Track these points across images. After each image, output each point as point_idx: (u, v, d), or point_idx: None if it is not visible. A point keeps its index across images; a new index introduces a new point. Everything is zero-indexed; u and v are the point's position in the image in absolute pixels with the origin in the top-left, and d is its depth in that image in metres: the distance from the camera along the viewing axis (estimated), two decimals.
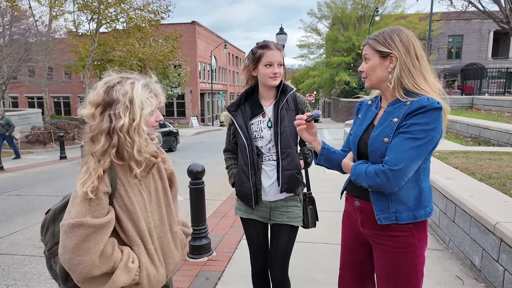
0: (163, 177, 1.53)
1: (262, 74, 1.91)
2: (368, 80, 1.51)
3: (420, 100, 1.37)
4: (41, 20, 22.93)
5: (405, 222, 1.44)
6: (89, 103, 1.30)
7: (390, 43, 1.43)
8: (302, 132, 1.59)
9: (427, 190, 1.50)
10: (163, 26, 24.83)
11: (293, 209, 2.00)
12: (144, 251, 1.36)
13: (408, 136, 1.35)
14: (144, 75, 1.43)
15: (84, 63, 23.03)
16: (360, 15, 29.89)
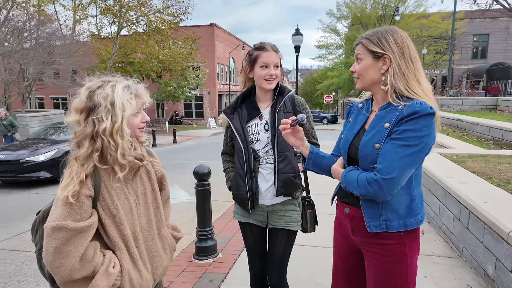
0: (152, 180, 1.52)
1: (258, 75, 1.89)
2: (360, 81, 1.46)
3: (413, 105, 1.31)
4: (66, 24, 23.74)
5: (395, 230, 1.39)
6: (74, 110, 1.31)
7: (384, 44, 1.38)
8: (288, 137, 1.56)
9: (419, 197, 1.44)
10: (182, 28, 25.18)
11: (290, 213, 1.96)
12: (127, 256, 1.36)
13: (401, 143, 1.29)
14: (126, 77, 1.43)
15: (105, 65, 23.66)
16: (380, 14, 29.33)
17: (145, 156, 1.45)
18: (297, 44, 12.80)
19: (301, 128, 1.54)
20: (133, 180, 1.44)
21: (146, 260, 1.44)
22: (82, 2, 23.62)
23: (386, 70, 1.39)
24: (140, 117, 1.41)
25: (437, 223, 4.17)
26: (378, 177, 1.29)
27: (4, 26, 17.31)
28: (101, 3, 22.86)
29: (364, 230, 1.44)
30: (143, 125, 1.44)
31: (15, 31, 17.10)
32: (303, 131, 2.00)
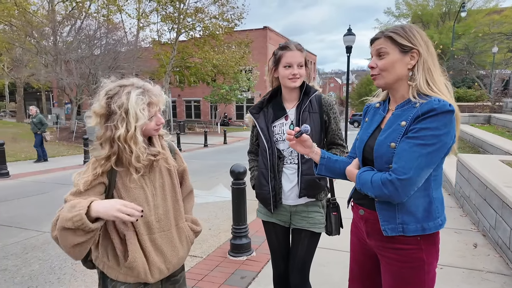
0: (172, 173, 1.61)
1: (281, 75, 1.89)
2: (383, 77, 1.38)
3: (430, 102, 1.24)
4: (130, 31, 25.65)
5: (412, 234, 1.32)
6: (94, 114, 1.43)
7: (412, 37, 1.32)
8: (295, 146, 1.55)
9: (438, 201, 1.35)
10: (236, 32, 25.82)
11: (314, 214, 1.93)
12: (135, 240, 1.45)
13: (417, 142, 1.23)
14: (144, 79, 1.52)
15: (165, 69, 25.12)
16: (444, 11, 27.40)
17: (160, 152, 1.54)
18: (349, 44, 12.44)
19: (307, 137, 1.51)
20: (151, 172, 1.53)
21: (160, 248, 1.52)
22: (145, 10, 25.41)
23: (413, 65, 1.33)
24: (155, 120, 1.49)
25: (492, 236, 3.79)
26: (393, 178, 1.24)
27: (78, 35, 19.21)
28: (161, 10, 24.35)
29: (380, 233, 1.38)
30: (158, 127, 1.52)
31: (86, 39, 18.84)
32: (330, 132, 1.97)
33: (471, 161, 4.99)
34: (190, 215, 1.75)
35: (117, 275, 1.46)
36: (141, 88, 1.46)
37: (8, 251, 3.81)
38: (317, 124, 1.90)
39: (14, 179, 8.17)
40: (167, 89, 25.28)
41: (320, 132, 1.93)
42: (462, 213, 4.90)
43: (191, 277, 3.10)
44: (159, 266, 1.51)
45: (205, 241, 4.12)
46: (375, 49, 1.39)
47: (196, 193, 6.83)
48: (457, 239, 3.92)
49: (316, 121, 1.90)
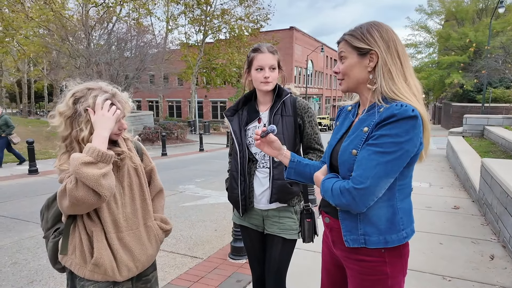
0: (139, 173, 1.62)
1: (254, 78, 1.86)
2: (345, 82, 1.32)
3: (391, 107, 1.15)
4: (159, 33, 26.38)
5: (374, 247, 1.23)
6: (59, 113, 1.46)
7: (369, 39, 1.24)
8: (262, 147, 1.50)
9: (404, 211, 1.25)
10: (262, 34, 25.89)
11: (285, 220, 1.87)
12: (103, 237, 1.46)
13: (376, 150, 1.15)
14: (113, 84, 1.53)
15: (192, 71, 25.62)
16: (480, 8, 26.00)
17: (125, 151, 1.55)
18: None
19: (275, 138, 1.46)
20: (119, 172, 1.54)
21: (129, 246, 1.53)
22: (174, 13, 26.06)
23: (373, 68, 1.25)
24: (117, 125, 1.50)
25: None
26: (350, 186, 1.17)
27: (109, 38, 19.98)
28: (189, 13, 24.86)
29: (344, 243, 1.31)
30: (120, 132, 1.54)
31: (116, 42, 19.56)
32: (305, 136, 1.91)
33: (494, 166, 4.67)
34: (161, 214, 1.76)
35: (84, 272, 1.47)
36: (108, 93, 1.48)
37: (22, 245, 3.99)
38: (290, 128, 1.84)
39: (42, 176, 8.59)
40: (193, 90, 25.78)
41: (294, 136, 1.87)
42: (484, 222, 4.60)
43: (187, 279, 3.10)
44: (127, 264, 1.52)
45: (209, 242, 4.12)
46: (337, 53, 1.35)
47: (209, 193, 6.91)
48: (473, 249, 3.68)
49: (289, 124, 1.84)
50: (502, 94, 16.91)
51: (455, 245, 3.80)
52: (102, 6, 21.01)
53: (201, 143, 15.37)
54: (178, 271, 3.32)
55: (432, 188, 6.60)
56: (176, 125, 20.74)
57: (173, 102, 39.85)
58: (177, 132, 19.72)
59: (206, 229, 4.60)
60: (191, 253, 3.77)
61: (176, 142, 18.74)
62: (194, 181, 7.96)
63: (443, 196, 5.95)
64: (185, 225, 4.79)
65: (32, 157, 8.79)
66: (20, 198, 6.25)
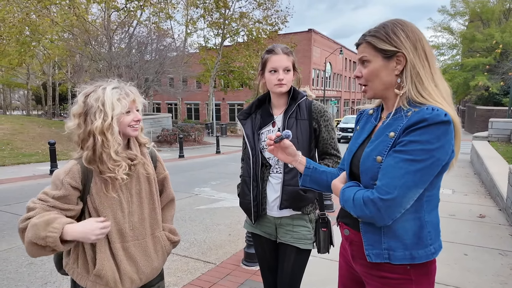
0: (150, 180, 1.55)
1: (268, 80, 1.78)
2: (370, 88, 1.22)
3: (422, 111, 1.05)
4: (179, 37, 26.73)
5: (399, 262, 1.13)
6: (73, 116, 1.42)
7: (395, 39, 1.14)
8: (275, 153, 1.40)
9: (432, 225, 1.15)
10: (280, 36, 25.83)
11: (299, 229, 1.77)
12: (107, 248, 1.41)
13: (404, 157, 1.05)
14: (120, 80, 1.49)
15: (210, 74, 25.81)
16: (507, 8, 25.06)
17: (138, 156, 1.49)
18: None
19: (289, 143, 1.37)
20: (129, 178, 1.48)
21: (134, 257, 1.47)
22: (193, 17, 26.35)
23: (401, 71, 1.15)
24: (132, 116, 1.46)
25: None
26: (375, 197, 1.07)
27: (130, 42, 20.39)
28: (208, 17, 25.07)
29: (365, 258, 1.21)
30: (135, 124, 1.48)
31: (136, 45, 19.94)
32: (321, 141, 1.81)
33: None
34: (170, 224, 1.69)
35: (86, 282, 1.43)
36: (117, 84, 1.46)
37: None
38: (305, 132, 1.75)
39: None
40: (211, 93, 25.94)
41: (309, 141, 1.78)
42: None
43: (199, 284, 3.04)
44: (131, 276, 1.46)
45: (222, 247, 4.06)
46: (358, 58, 1.24)
47: (225, 196, 6.87)
48: (500, 262, 3.46)
49: (304, 128, 1.75)
50: None
51: (481, 256, 3.59)
52: (123, 10, 21.48)
53: (217, 145, 15.40)
54: (191, 276, 3.26)
55: (455, 194, 6.33)
56: (193, 127, 20.90)
57: (191, 105, 40.24)
58: (194, 134, 19.87)
59: (220, 233, 4.54)
60: (204, 258, 3.71)
61: (193, 144, 18.87)
62: (209, 184, 7.94)
63: (467, 204, 5.69)
64: (199, 228, 4.75)
65: (54, 157, 9.00)
66: None
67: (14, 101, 52.25)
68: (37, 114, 42.16)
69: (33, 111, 45.28)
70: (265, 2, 24.37)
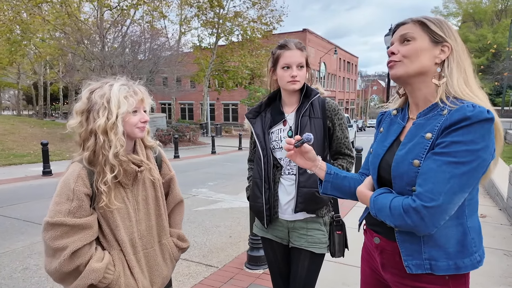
0: (156, 185, 1.47)
1: (280, 77, 1.70)
2: (404, 65, 1.10)
3: (462, 108, 0.97)
4: (173, 37, 26.51)
5: (444, 273, 1.05)
6: (75, 113, 1.33)
7: (445, 28, 1.09)
8: (294, 158, 1.30)
9: (474, 231, 1.08)
10: (275, 36, 25.74)
11: (314, 232, 1.70)
12: (123, 259, 1.33)
13: (448, 160, 0.97)
14: (128, 78, 1.40)
15: (204, 73, 25.65)
16: (500, 9, 25.33)
17: (144, 162, 1.40)
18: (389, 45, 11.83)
19: (310, 147, 1.27)
20: (134, 185, 1.40)
21: (144, 269, 1.38)
22: (187, 16, 26.16)
23: (442, 61, 1.08)
24: (139, 116, 1.37)
25: None
26: (418, 205, 0.98)
27: (123, 41, 20.15)
28: (202, 16, 24.90)
29: (398, 267, 1.13)
30: (142, 125, 1.38)
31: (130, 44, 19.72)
32: (335, 140, 1.73)
33: None
34: (178, 229, 1.59)
35: None
36: (125, 81, 1.37)
37: (34, 249, 3.90)
38: (320, 131, 1.68)
39: (56, 178, 8.57)
40: (206, 92, 25.78)
41: (323, 140, 1.70)
42: None
43: None
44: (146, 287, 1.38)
45: (224, 250, 3.96)
46: (399, 35, 1.14)
47: (223, 197, 6.75)
48: (507, 263, 3.42)
49: (318, 127, 1.67)
50: None
51: (487, 257, 3.52)
52: (116, 9, 21.22)
53: (213, 145, 15.27)
54: (193, 280, 3.17)
55: None
56: (188, 127, 20.74)
57: (185, 105, 40.02)
58: (189, 135, 19.71)
59: (220, 236, 4.45)
60: (205, 261, 3.61)
61: (188, 144, 18.70)
62: (207, 185, 7.84)
63: None
64: (199, 230, 4.65)
65: (46, 158, 8.81)
66: (33, 200, 6.21)
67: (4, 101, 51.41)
68: (28, 114, 41.56)
69: (24, 111, 44.64)
70: (259, 2, 24.28)
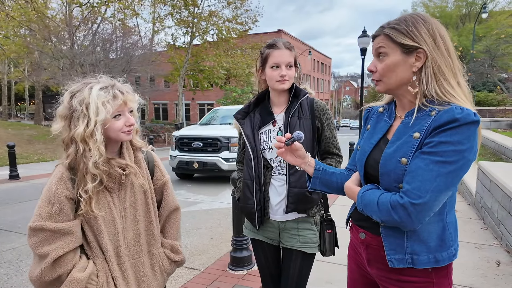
0: (146, 190, 1.40)
1: (269, 77, 1.70)
2: (384, 83, 1.16)
3: (451, 110, 1.01)
4: (145, 35, 25.94)
5: (424, 267, 1.10)
6: (58, 117, 1.27)
7: (416, 34, 1.08)
8: (284, 156, 1.32)
9: (452, 225, 1.14)
10: (250, 36, 25.77)
11: (305, 232, 1.71)
12: (106, 268, 1.27)
13: (435, 159, 1.00)
14: (112, 77, 1.34)
15: (179, 73, 25.28)
16: (464, 13, 26.63)
17: (129, 165, 1.33)
18: (364, 46, 12.13)
19: (300, 145, 1.29)
20: (121, 190, 1.33)
21: (130, 280, 1.32)
22: (160, 15, 25.67)
23: (419, 67, 1.10)
24: (123, 119, 1.30)
25: None
26: (406, 201, 1.02)
27: (94, 39, 19.51)
28: (176, 15, 24.52)
29: (383, 262, 1.17)
30: (128, 129, 1.31)
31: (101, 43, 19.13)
32: (324, 140, 1.76)
33: (493, 169, 4.64)
34: (173, 240, 1.51)
35: None
36: (107, 83, 1.29)
37: (3, 258, 3.70)
38: (309, 131, 1.69)
39: (24, 181, 8.19)
40: (180, 92, 25.41)
41: (312, 140, 1.72)
42: (484, 226, 4.55)
43: None
44: None
45: (205, 252, 3.92)
46: (374, 50, 1.17)
47: (202, 198, 6.66)
48: (478, 255, 3.60)
49: (307, 127, 1.69)
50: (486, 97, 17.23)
51: (460, 251, 3.70)
52: (86, 6, 20.49)
53: None
54: (175, 284, 3.11)
55: None
56: (163, 128, 20.40)
57: (159, 105, 39.26)
58: (164, 135, 19.39)
59: (201, 238, 4.39)
60: (187, 264, 3.55)
61: (163, 145, 18.40)
62: (185, 186, 7.73)
63: None
64: None
65: (13, 161, 8.37)
66: (0, 205, 5.89)
67: None
68: None
69: None
70: (234, 1, 24.21)
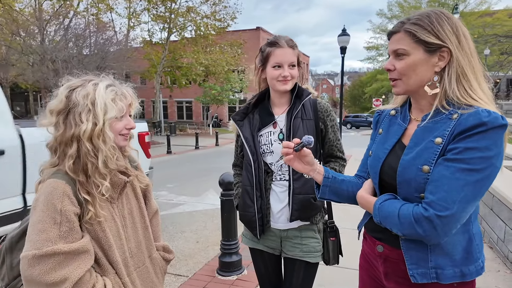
0: (138, 195, 1.34)
1: (270, 76, 1.60)
2: (403, 83, 1.08)
3: (477, 113, 0.95)
4: (121, 31, 25.14)
5: (449, 281, 1.04)
6: (50, 112, 1.13)
7: (441, 32, 1.01)
8: (292, 163, 1.23)
9: (478, 237, 1.08)
10: (229, 33, 25.53)
11: (308, 241, 1.63)
12: (119, 283, 1.17)
13: (461, 167, 0.94)
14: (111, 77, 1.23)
15: (156, 69, 24.71)
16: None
17: (129, 169, 1.26)
18: (344, 45, 12.23)
19: (308, 151, 1.21)
20: (119, 199, 1.24)
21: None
22: (136, 10, 24.95)
23: (442, 68, 1.03)
24: (124, 122, 1.21)
25: (501, 249, 3.53)
26: (431, 214, 0.94)
27: (66, 34, 18.70)
28: (152, 10, 23.92)
29: (403, 276, 1.10)
30: (127, 132, 1.23)
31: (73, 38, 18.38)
32: (327, 142, 1.68)
33: None
34: (162, 241, 1.48)
35: None
36: (111, 81, 1.20)
37: None
38: (312, 133, 1.61)
39: None
40: (158, 89, 24.86)
41: (316, 143, 1.64)
42: None
43: None
44: None
45: (192, 256, 3.78)
46: (392, 49, 1.08)
47: (185, 200, 6.47)
48: None
49: (310, 129, 1.61)
50: None
51: None
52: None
53: (168, 145, 14.70)
54: None
55: None
56: None
57: None
58: None
59: (187, 242, 4.25)
60: (174, 271, 3.41)
61: None
62: (166, 187, 7.51)
63: None
64: (163, 237, 4.39)
65: None
66: None
67: None
68: None
69: None
70: None
